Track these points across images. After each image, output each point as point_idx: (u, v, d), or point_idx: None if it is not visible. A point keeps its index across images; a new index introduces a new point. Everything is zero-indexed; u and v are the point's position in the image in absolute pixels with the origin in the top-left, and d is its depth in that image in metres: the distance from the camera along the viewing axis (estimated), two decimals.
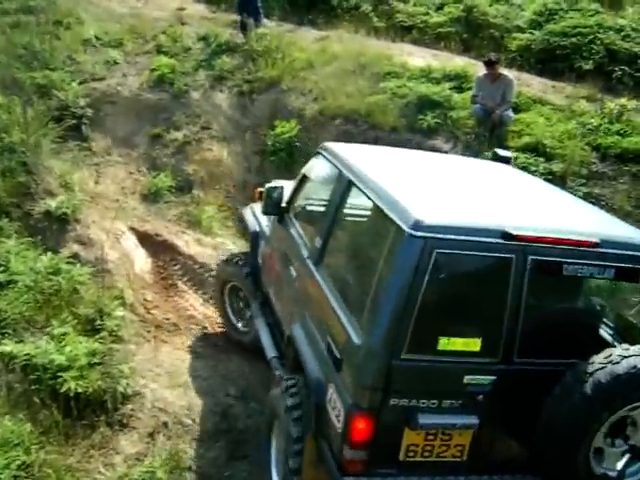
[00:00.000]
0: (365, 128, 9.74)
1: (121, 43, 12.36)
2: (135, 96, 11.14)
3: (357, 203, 4.82)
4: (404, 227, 3.73)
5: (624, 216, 8.25)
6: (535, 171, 8.58)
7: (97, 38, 12.29)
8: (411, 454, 3.96)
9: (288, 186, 5.98)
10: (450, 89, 10.38)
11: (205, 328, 7.26)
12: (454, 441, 3.99)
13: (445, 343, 3.80)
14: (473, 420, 3.92)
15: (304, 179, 5.76)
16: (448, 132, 9.63)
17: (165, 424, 5.55)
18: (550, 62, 11.75)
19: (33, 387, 5.29)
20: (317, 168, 5.60)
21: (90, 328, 6.16)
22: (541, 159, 8.87)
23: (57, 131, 9.17)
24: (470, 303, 3.95)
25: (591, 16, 12.09)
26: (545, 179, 8.21)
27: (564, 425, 3.73)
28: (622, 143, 9.14)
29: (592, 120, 9.67)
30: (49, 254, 6.85)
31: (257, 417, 5.82)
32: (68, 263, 6.82)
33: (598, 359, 3.73)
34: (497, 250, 3.79)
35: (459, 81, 10.64)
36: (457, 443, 4.00)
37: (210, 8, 14.29)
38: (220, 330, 7.24)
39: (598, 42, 11.51)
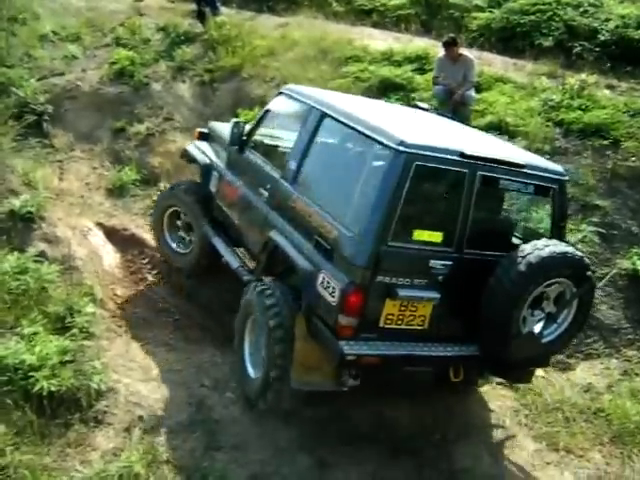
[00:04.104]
0: None
1: (79, 37, 12.18)
2: (95, 90, 10.99)
3: (329, 132, 5.86)
4: (392, 145, 4.87)
5: (588, 190, 8.38)
6: None
7: (54, 33, 12.10)
8: (388, 321, 5.08)
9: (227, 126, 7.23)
10: (412, 71, 10.42)
11: (176, 320, 7.24)
12: (419, 312, 5.16)
13: (418, 234, 5.03)
14: (435, 294, 5.12)
15: (266, 114, 6.79)
16: None
17: (140, 418, 5.52)
18: (510, 40, 11.79)
19: (5, 388, 5.23)
20: (282, 105, 6.65)
21: (60, 326, 6.10)
22: (505, 137, 8.90)
23: (17, 129, 9.10)
24: (436, 205, 5.35)
25: None
26: None
27: (504, 294, 5.02)
28: (584, 118, 9.22)
29: (554, 96, 9.75)
30: (15, 254, 6.76)
31: (232, 407, 5.83)
32: (35, 262, 6.75)
33: (528, 248, 5.08)
34: (456, 165, 5.03)
35: (420, 63, 10.67)
36: (421, 314, 5.18)
37: None
38: (193, 322, 7.25)
39: (557, 18, 11.57)
